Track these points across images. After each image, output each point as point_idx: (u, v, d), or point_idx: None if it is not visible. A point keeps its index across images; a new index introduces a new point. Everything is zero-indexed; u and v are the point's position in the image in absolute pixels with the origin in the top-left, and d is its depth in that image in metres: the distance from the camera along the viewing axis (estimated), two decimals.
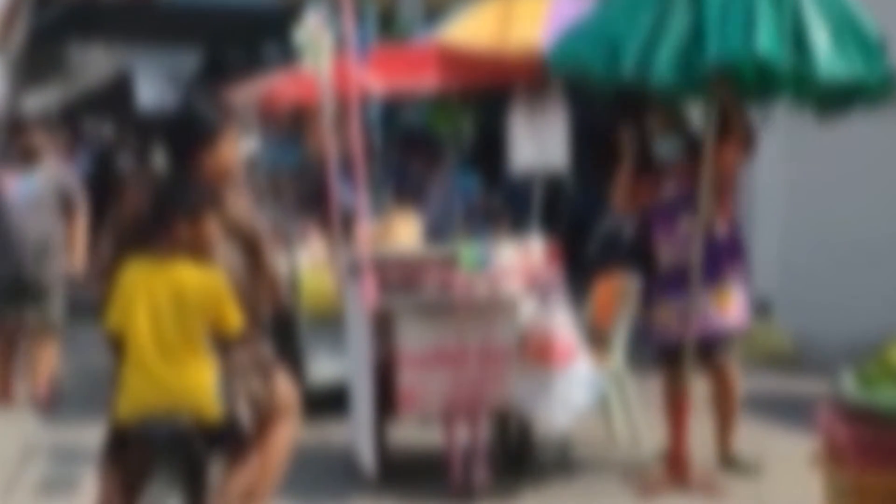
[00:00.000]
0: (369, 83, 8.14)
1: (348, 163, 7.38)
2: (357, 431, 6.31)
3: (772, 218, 8.89)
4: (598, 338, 6.53)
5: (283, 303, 4.63)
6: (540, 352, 5.78)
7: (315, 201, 8.41)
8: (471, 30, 8.83)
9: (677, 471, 5.98)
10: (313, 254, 7.67)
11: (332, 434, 6.87)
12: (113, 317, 4.24)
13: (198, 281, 4.21)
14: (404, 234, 7.07)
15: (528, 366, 5.82)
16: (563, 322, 5.84)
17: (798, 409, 6.60)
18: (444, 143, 10.27)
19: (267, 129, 10.89)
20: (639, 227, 6.31)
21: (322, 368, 7.33)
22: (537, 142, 8.47)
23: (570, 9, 8.58)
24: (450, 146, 10.39)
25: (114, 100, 18.82)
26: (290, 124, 10.69)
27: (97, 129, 19.66)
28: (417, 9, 13.85)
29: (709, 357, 6.08)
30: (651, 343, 6.22)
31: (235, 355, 4.34)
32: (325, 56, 7.60)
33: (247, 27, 16.30)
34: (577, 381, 5.81)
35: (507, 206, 10.10)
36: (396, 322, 5.93)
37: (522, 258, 6.03)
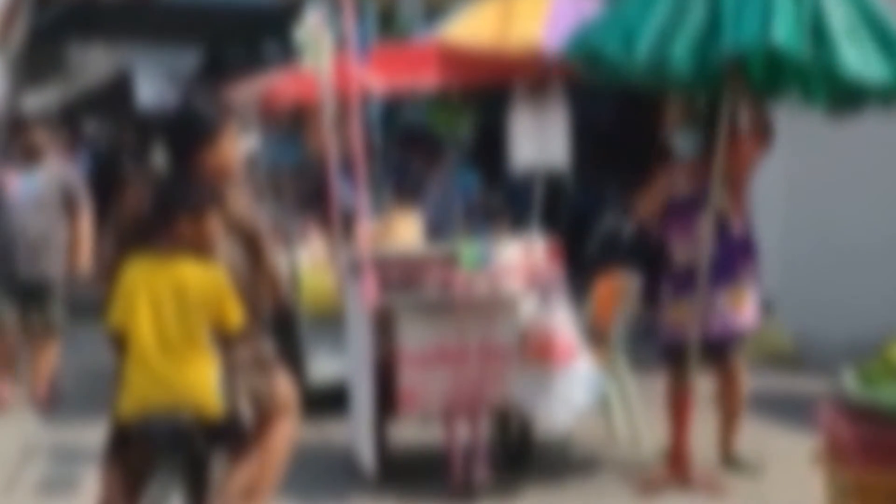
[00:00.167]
0: (369, 82, 8.14)
1: (349, 161, 7.38)
2: (357, 430, 6.30)
3: (773, 217, 8.87)
4: (599, 336, 6.52)
5: (283, 300, 4.63)
6: (540, 350, 5.77)
7: (315, 200, 8.41)
8: (471, 28, 8.82)
9: (679, 469, 5.97)
10: (313, 252, 7.66)
11: (333, 433, 6.87)
12: (115, 314, 4.25)
13: (200, 278, 4.22)
14: (405, 233, 7.06)
15: (528, 364, 5.82)
16: (563, 321, 5.83)
17: (799, 407, 6.59)
18: (445, 142, 10.26)
19: (267, 128, 10.89)
20: (654, 226, 6.24)
21: (322, 367, 7.33)
22: (538, 140, 8.47)
23: (570, 7, 8.58)
24: (450, 144, 10.38)
25: (114, 99, 18.83)
26: (291, 123, 10.69)
27: (97, 128, 19.66)
28: (417, 7, 13.84)
29: (720, 356, 6.07)
30: (660, 342, 6.18)
31: (237, 352, 4.35)
32: (325, 55, 7.60)
33: (247, 26, 16.30)
34: (577, 379, 5.80)
35: (508, 204, 10.11)
36: (397, 321, 5.93)
37: (523, 257, 6.02)
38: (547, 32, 8.38)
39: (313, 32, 7.56)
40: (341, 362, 6.96)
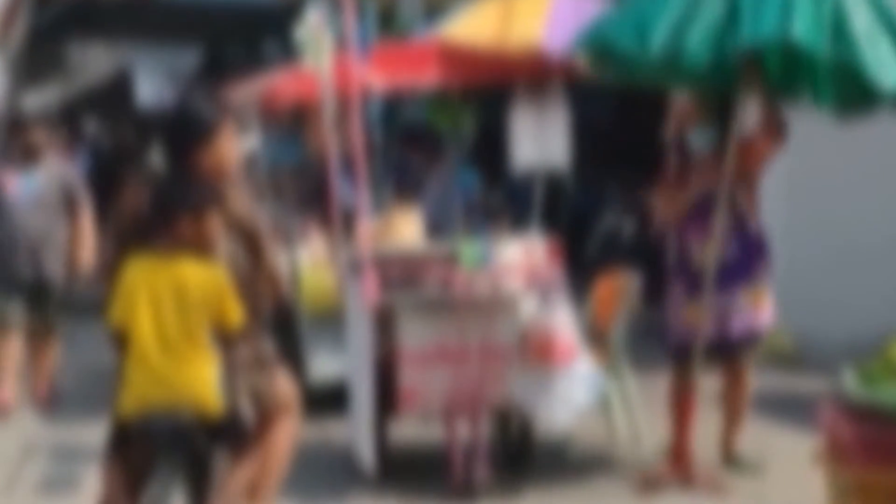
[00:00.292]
0: (370, 80, 8.13)
1: (349, 160, 7.38)
2: (357, 429, 6.29)
3: (773, 216, 8.85)
4: (599, 336, 6.51)
5: (283, 299, 4.63)
6: (541, 350, 5.77)
7: (316, 199, 8.40)
8: (472, 27, 8.83)
9: (680, 467, 5.96)
10: (314, 251, 7.66)
11: (333, 432, 6.86)
12: (116, 313, 4.25)
13: (200, 277, 4.22)
14: (405, 232, 7.06)
15: (528, 364, 5.82)
16: (563, 320, 5.83)
17: (799, 407, 6.59)
18: (445, 141, 10.26)
19: (268, 127, 10.89)
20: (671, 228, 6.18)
21: (323, 366, 7.32)
22: (538, 139, 8.47)
23: (570, 7, 8.58)
24: (450, 143, 10.38)
25: (114, 98, 18.84)
26: (291, 122, 10.69)
27: (98, 127, 19.65)
28: (417, 6, 13.84)
29: (736, 355, 6.06)
30: (671, 341, 6.10)
31: (237, 351, 4.35)
32: (325, 54, 7.59)
33: (247, 25, 16.31)
34: (577, 379, 5.80)
35: (508, 203, 10.11)
36: (397, 319, 5.93)
37: (523, 256, 6.02)
38: (547, 32, 8.39)
39: (314, 31, 7.56)
40: (342, 361, 6.96)
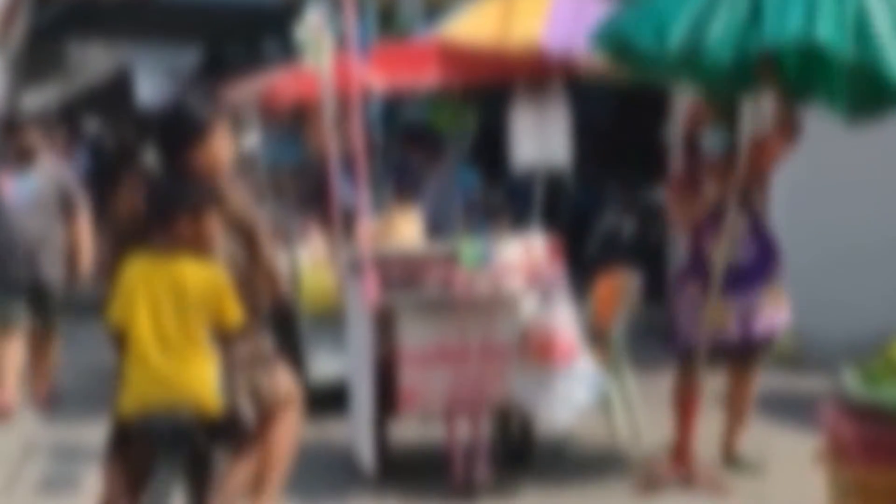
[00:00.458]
0: (370, 80, 8.13)
1: (349, 160, 7.37)
2: (357, 429, 6.29)
3: (774, 216, 8.85)
4: (599, 335, 6.51)
5: (282, 296, 4.62)
6: (541, 349, 5.77)
7: (316, 199, 8.39)
8: (472, 26, 8.82)
9: (683, 466, 5.95)
10: (314, 251, 7.65)
11: (333, 432, 6.86)
12: (115, 313, 4.25)
13: (198, 276, 4.22)
14: (405, 232, 7.06)
15: (529, 363, 5.81)
16: (564, 319, 5.82)
17: (800, 407, 6.59)
18: (445, 140, 10.26)
19: (268, 127, 10.89)
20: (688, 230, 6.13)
21: (323, 366, 7.32)
22: (539, 138, 8.46)
23: (571, 5, 8.58)
24: (450, 143, 10.37)
25: (114, 97, 18.84)
26: (291, 122, 10.68)
27: (99, 126, 19.67)
28: (417, 6, 13.83)
29: (754, 356, 6.05)
30: (678, 342, 6.06)
31: (236, 349, 4.35)
32: (326, 53, 7.59)
33: (246, 24, 16.30)
34: (578, 378, 5.80)
35: (508, 202, 10.09)
36: (397, 319, 5.92)
37: (524, 255, 6.02)
38: (547, 31, 8.38)
39: (314, 31, 7.55)
40: (342, 361, 6.95)
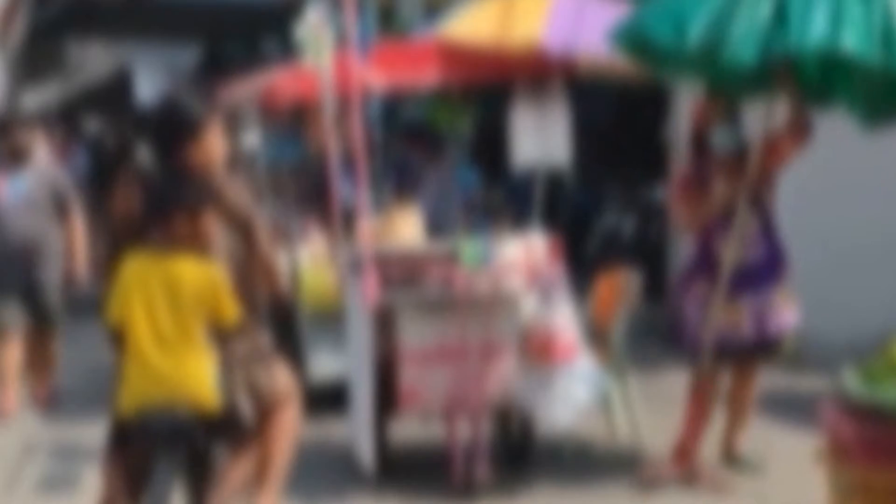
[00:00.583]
0: (370, 79, 8.12)
1: (349, 159, 7.37)
2: (357, 428, 6.29)
3: (775, 217, 8.86)
4: (599, 334, 6.51)
5: (280, 291, 4.62)
6: (541, 349, 5.77)
7: (316, 197, 8.39)
8: (472, 25, 8.82)
9: (685, 466, 5.94)
10: (314, 250, 7.65)
11: (333, 431, 6.85)
12: (112, 311, 4.26)
13: (194, 275, 4.22)
14: (405, 231, 7.05)
15: (529, 362, 5.81)
16: (564, 318, 5.82)
17: (800, 406, 6.59)
18: (445, 139, 10.26)
19: (268, 125, 10.88)
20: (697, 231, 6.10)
21: (323, 365, 7.31)
22: (539, 137, 8.46)
23: (571, 4, 8.58)
24: (451, 142, 10.37)
25: (113, 96, 18.83)
26: (291, 120, 10.67)
27: (99, 126, 19.66)
28: (417, 5, 13.84)
29: (762, 355, 6.05)
30: (687, 341, 6.04)
31: (234, 346, 4.35)
32: (326, 52, 7.58)
33: (246, 22, 16.31)
34: (578, 377, 5.80)
35: (508, 202, 10.09)
36: (397, 318, 5.92)
37: (524, 254, 6.01)
38: (548, 30, 8.39)
39: (314, 30, 7.55)
40: (342, 360, 6.95)
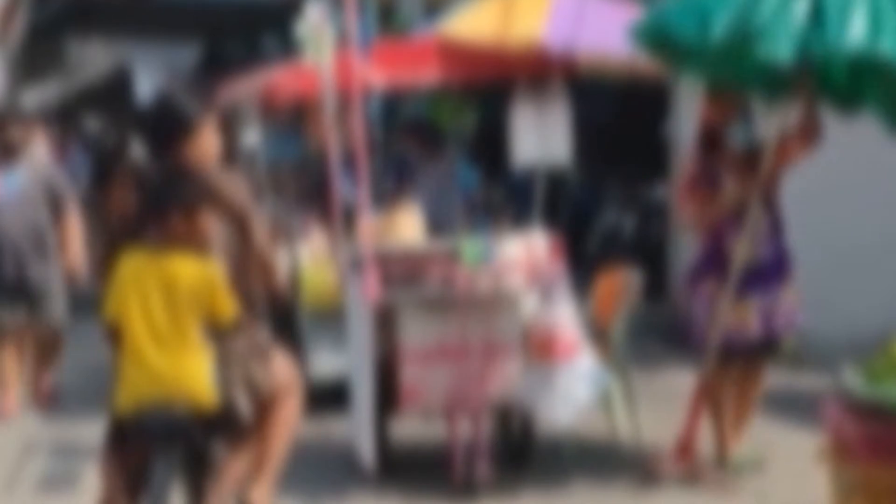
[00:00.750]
0: (370, 77, 8.12)
1: (350, 157, 7.36)
2: (358, 427, 6.28)
3: None
4: (600, 332, 6.50)
5: (277, 286, 4.60)
6: (543, 347, 5.76)
7: (316, 195, 8.39)
8: (472, 24, 8.82)
9: (686, 464, 5.93)
10: (314, 248, 7.64)
11: (333, 429, 6.85)
12: (109, 308, 4.25)
13: (190, 272, 4.22)
14: (406, 229, 7.04)
15: (530, 361, 5.81)
16: (565, 317, 5.81)
17: (801, 405, 6.59)
18: (446, 137, 10.25)
19: (268, 123, 10.88)
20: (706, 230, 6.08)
21: (323, 363, 7.31)
22: (540, 136, 8.46)
23: (572, 3, 8.58)
24: (452, 140, 10.37)
25: (113, 95, 18.81)
26: (292, 118, 10.68)
27: (101, 125, 19.65)
28: (417, 3, 13.84)
29: (770, 353, 6.05)
30: (695, 339, 6.06)
31: (232, 342, 4.34)
32: (326, 50, 7.58)
33: (246, 20, 16.30)
34: (579, 375, 5.79)
35: (509, 200, 10.09)
36: (398, 317, 5.91)
37: (525, 253, 6.00)
38: (548, 28, 8.39)
39: (315, 28, 7.54)
40: (342, 358, 6.94)
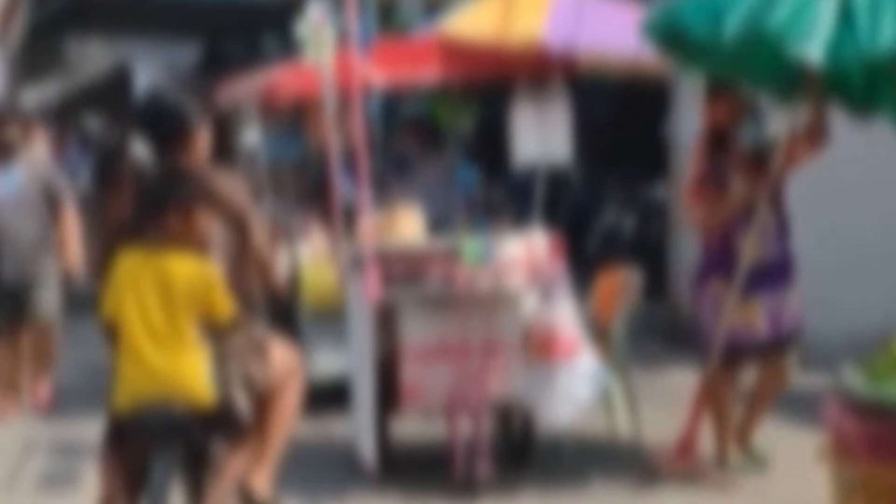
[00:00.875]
0: (371, 76, 8.11)
1: (350, 156, 7.36)
2: (358, 426, 6.28)
3: None
4: (600, 331, 6.50)
5: (275, 284, 4.61)
6: (543, 346, 5.76)
7: (317, 195, 8.39)
8: (472, 23, 8.82)
9: (687, 462, 5.93)
10: (315, 247, 7.65)
11: (334, 428, 6.86)
12: (107, 306, 4.26)
13: (186, 271, 4.23)
14: (407, 228, 7.04)
15: (531, 360, 5.81)
16: (565, 316, 5.81)
17: (803, 404, 6.57)
18: (447, 136, 10.25)
19: (268, 123, 10.87)
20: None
21: (324, 362, 7.31)
22: (540, 135, 8.45)
23: (572, 2, 8.58)
24: (452, 139, 10.36)
25: (113, 94, 18.80)
26: (292, 118, 10.67)
27: (97, 123, 19.63)
28: (417, 2, 13.83)
29: (782, 352, 6.05)
30: (700, 341, 6.06)
31: (229, 340, 4.34)
32: (327, 49, 7.58)
33: (246, 20, 16.29)
34: (580, 374, 5.79)
35: (509, 199, 10.09)
36: (399, 316, 5.91)
37: (525, 252, 6.00)
38: (548, 27, 8.39)
39: (315, 27, 7.54)
40: (343, 357, 6.95)
